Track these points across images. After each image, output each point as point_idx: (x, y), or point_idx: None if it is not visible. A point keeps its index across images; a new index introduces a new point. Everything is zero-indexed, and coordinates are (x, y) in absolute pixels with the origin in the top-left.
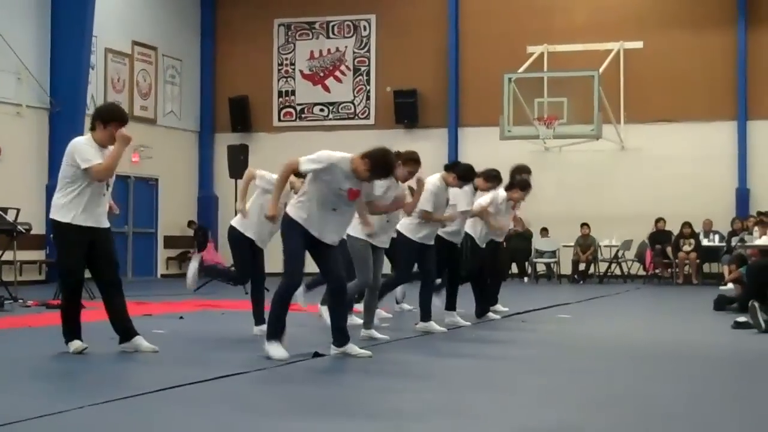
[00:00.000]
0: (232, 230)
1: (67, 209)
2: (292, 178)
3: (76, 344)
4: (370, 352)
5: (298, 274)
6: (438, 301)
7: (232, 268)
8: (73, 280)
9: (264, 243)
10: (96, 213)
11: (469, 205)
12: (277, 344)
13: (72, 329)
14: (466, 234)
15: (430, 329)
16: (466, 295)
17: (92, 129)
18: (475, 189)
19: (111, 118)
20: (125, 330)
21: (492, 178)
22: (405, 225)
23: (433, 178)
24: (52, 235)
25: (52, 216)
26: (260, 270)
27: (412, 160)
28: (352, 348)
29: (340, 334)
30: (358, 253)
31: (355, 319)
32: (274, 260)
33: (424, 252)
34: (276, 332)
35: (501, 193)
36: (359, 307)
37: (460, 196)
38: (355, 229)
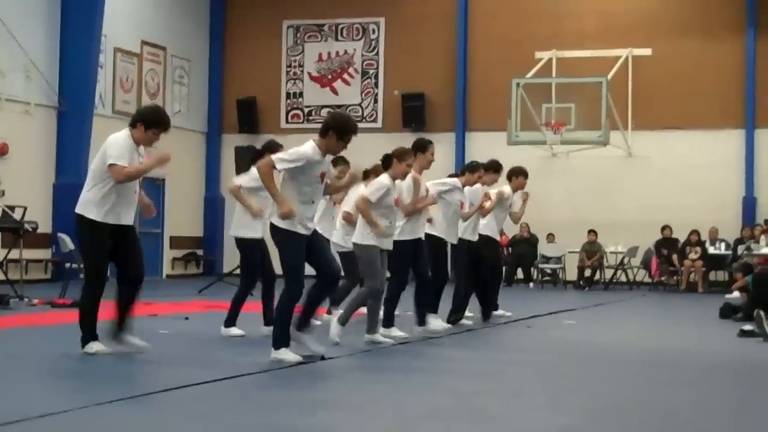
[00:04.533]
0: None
1: (97, 206)
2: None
3: (98, 346)
4: (324, 349)
5: (302, 282)
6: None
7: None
8: (101, 279)
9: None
10: (125, 212)
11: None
12: (286, 350)
13: (93, 330)
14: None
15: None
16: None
17: (132, 126)
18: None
19: (155, 124)
20: (119, 327)
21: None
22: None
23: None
24: (76, 231)
25: (79, 211)
26: (271, 270)
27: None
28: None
29: (305, 324)
30: (367, 259)
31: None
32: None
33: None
34: (284, 339)
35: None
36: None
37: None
38: (363, 236)
